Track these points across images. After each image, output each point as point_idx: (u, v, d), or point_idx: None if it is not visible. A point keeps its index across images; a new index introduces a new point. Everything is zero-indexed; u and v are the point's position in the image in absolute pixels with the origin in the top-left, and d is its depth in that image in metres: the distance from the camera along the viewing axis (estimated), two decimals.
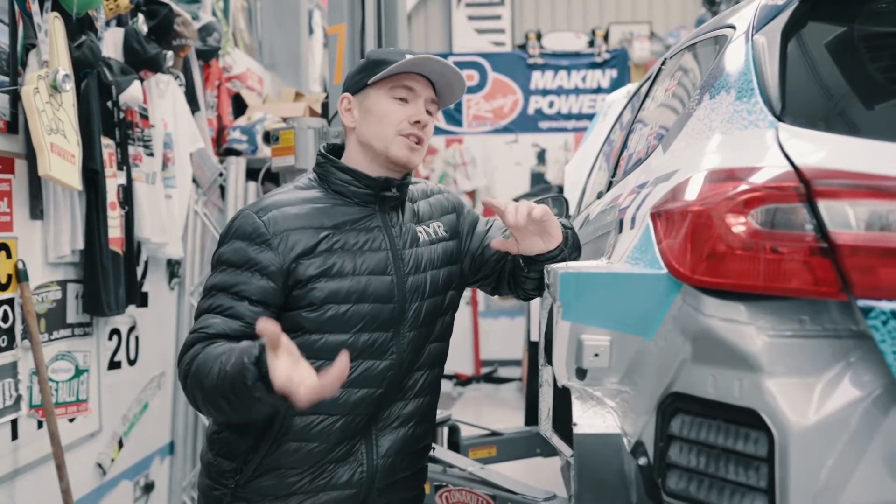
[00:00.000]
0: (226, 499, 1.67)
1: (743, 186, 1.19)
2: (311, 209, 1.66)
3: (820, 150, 1.22)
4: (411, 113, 1.69)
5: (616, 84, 8.13)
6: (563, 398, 1.45)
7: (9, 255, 2.51)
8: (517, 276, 1.81)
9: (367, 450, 1.70)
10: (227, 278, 1.60)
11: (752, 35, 1.48)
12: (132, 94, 3.04)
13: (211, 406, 1.53)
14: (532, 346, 4.58)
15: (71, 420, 2.88)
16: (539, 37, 8.54)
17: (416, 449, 1.80)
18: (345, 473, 1.69)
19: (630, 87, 4.13)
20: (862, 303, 1.10)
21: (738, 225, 1.17)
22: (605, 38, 8.49)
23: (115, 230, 2.96)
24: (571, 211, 3.14)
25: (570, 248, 1.74)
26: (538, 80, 8.55)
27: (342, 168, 1.71)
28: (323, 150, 1.76)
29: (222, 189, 4.03)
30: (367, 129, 1.71)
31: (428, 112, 1.73)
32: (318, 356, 1.60)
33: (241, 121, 4.34)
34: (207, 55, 4.18)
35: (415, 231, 1.77)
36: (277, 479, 1.65)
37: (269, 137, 3.84)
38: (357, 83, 1.73)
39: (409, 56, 1.68)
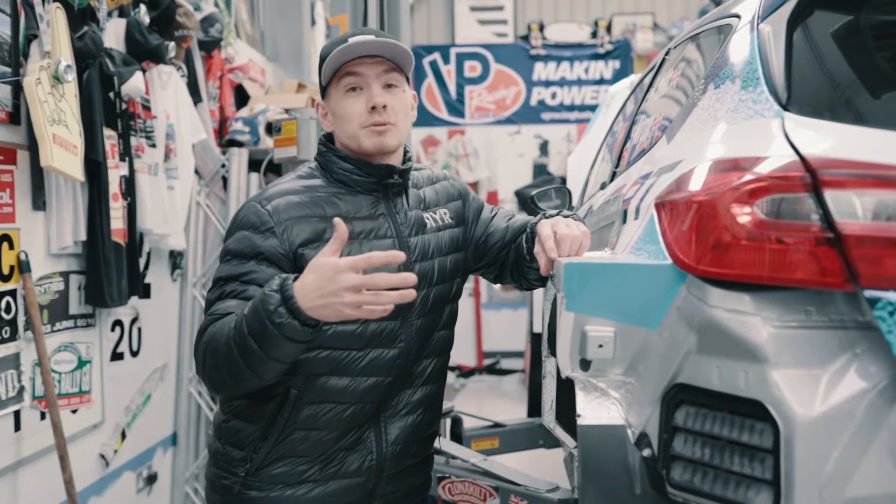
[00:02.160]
0: (236, 487, 1.67)
1: (748, 176, 1.18)
2: (315, 197, 1.65)
3: (826, 139, 1.20)
4: (365, 103, 1.65)
5: (619, 75, 8.12)
6: (566, 389, 1.45)
7: (11, 247, 2.51)
8: (520, 266, 1.80)
9: (377, 438, 1.70)
10: (236, 268, 1.58)
11: (758, 24, 1.47)
12: (134, 84, 3.03)
13: (226, 370, 1.48)
14: (535, 338, 4.59)
15: (74, 411, 2.89)
16: (542, 28, 8.52)
17: (424, 436, 1.80)
18: (355, 461, 1.69)
19: (633, 78, 4.11)
20: (868, 293, 1.09)
21: (744, 215, 1.16)
22: (608, 29, 8.48)
23: (117, 221, 2.96)
24: (574, 202, 3.13)
25: None
26: (541, 71, 8.53)
27: (343, 157, 1.69)
28: (323, 139, 1.75)
29: (224, 180, 4.02)
30: (339, 132, 1.70)
31: (390, 85, 1.67)
32: (326, 345, 1.60)
33: (244, 112, 4.32)
34: (209, 46, 4.17)
35: (421, 218, 1.76)
36: (288, 467, 1.65)
37: (271, 128, 3.83)
38: (322, 89, 1.73)
39: (346, 43, 1.63)
